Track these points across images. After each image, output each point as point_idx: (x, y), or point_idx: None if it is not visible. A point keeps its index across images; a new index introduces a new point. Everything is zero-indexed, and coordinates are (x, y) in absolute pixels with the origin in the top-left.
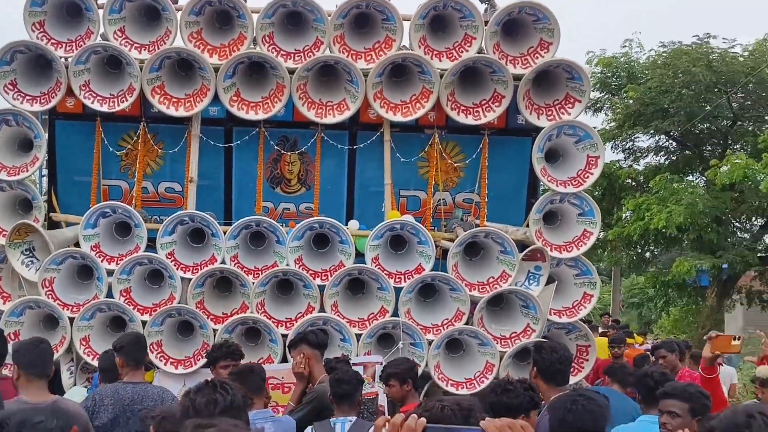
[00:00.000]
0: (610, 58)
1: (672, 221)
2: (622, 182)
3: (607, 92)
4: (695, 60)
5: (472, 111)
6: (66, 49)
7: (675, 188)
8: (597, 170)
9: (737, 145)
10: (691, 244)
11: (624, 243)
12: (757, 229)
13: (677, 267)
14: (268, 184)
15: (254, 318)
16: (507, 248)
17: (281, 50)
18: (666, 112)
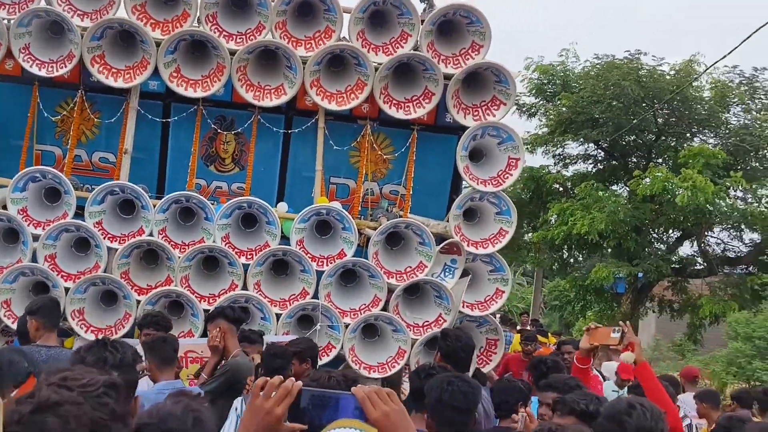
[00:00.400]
0: (547, 66)
1: (594, 227)
2: (550, 187)
3: (542, 98)
4: (625, 74)
5: (404, 106)
6: (9, 11)
7: (599, 196)
8: (516, 171)
9: (660, 159)
10: (611, 252)
11: (548, 246)
12: (673, 240)
13: (596, 272)
14: (202, 162)
15: (177, 291)
16: (425, 240)
17: (224, 31)
18: (596, 122)
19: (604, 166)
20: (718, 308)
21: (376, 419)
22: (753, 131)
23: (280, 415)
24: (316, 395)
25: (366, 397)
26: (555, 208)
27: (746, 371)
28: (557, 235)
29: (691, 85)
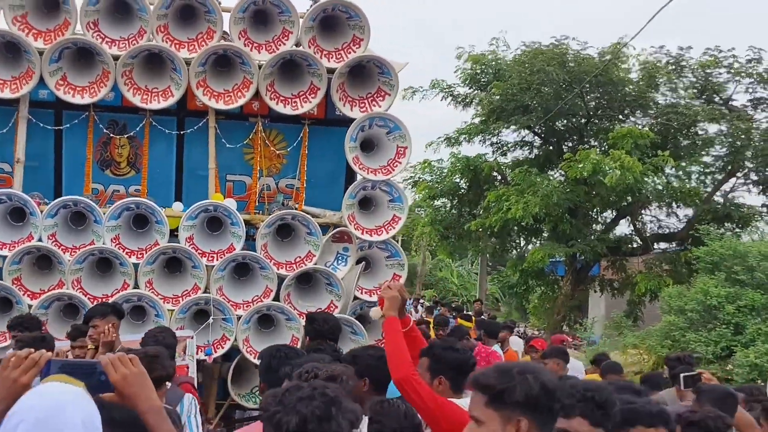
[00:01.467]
0: (478, 55)
1: (528, 212)
2: (487, 175)
3: (476, 88)
4: (549, 59)
5: (291, 101)
6: None
7: (533, 181)
8: (404, 159)
9: (594, 142)
10: (548, 235)
11: (488, 233)
12: (608, 221)
13: (532, 255)
14: (98, 167)
15: (70, 294)
16: (312, 230)
17: (106, 37)
18: (527, 109)
19: (540, 151)
20: (653, 284)
21: (115, 381)
22: (679, 109)
23: (26, 382)
24: (66, 364)
25: (109, 362)
26: (492, 195)
27: (680, 343)
28: (495, 222)
29: (617, 67)
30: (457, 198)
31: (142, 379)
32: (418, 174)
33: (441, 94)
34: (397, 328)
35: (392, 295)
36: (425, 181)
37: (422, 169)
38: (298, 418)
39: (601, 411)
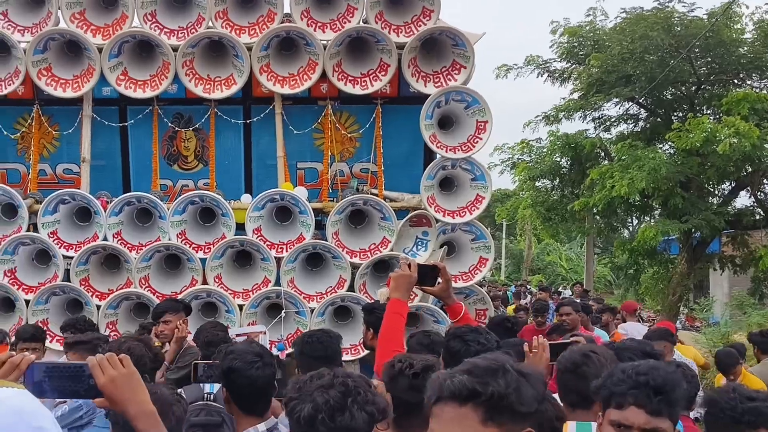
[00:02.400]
0: (575, 28)
1: (634, 187)
2: (589, 152)
3: (574, 62)
4: (652, 25)
5: (360, 81)
6: None
7: (638, 155)
8: (486, 135)
9: (708, 109)
10: (659, 211)
11: (591, 213)
12: (726, 193)
13: (642, 234)
14: (165, 162)
15: (138, 293)
16: (386, 215)
17: (164, 28)
18: (629, 79)
19: (647, 124)
20: None
21: (102, 385)
22: None
23: None
24: (51, 367)
25: (96, 364)
26: (594, 173)
27: None
28: (599, 201)
29: (729, 28)
30: (559, 178)
31: (132, 381)
32: (517, 155)
33: (537, 70)
34: (396, 310)
35: (398, 275)
36: (524, 162)
37: (521, 150)
38: (311, 406)
39: (659, 397)
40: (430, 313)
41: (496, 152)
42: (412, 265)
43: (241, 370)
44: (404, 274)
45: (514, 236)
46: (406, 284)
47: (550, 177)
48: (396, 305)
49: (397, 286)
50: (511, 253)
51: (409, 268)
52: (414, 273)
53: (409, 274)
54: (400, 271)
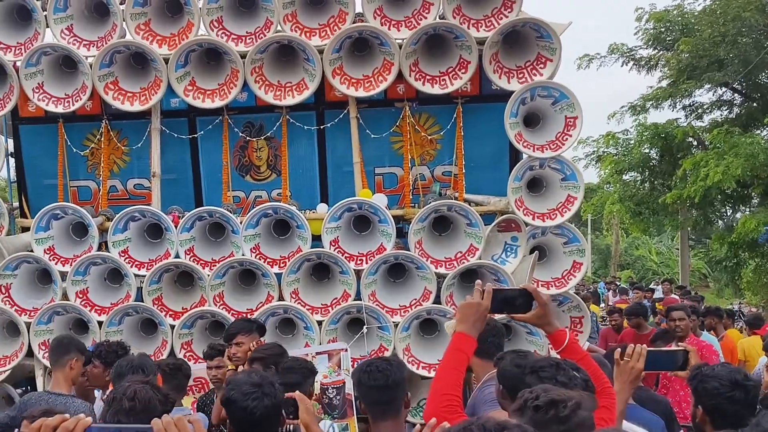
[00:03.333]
0: (662, 13)
1: (729, 175)
2: (680, 141)
3: (661, 48)
4: (745, 5)
5: (439, 80)
6: (15, 53)
7: (735, 141)
8: (576, 131)
9: None
10: (760, 200)
11: (685, 205)
12: None
13: (742, 225)
14: (237, 173)
15: (212, 311)
16: (472, 220)
17: (231, 34)
18: (722, 64)
19: (742, 110)
20: None
21: None
22: None
23: None
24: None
25: (162, 428)
26: (687, 162)
27: None
28: (694, 192)
29: None
30: (648, 170)
31: None
32: (602, 148)
33: (621, 59)
34: (458, 347)
35: (465, 304)
36: (610, 155)
37: (606, 143)
38: None
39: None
40: (523, 325)
41: (580, 146)
42: (486, 292)
43: (238, 401)
44: (472, 302)
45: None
46: (474, 314)
47: (639, 169)
48: (460, 340)
49: (463, 317)
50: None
51: (483, 295)
52: (486, 301)
53: (477, 302)
54: (470, 298)
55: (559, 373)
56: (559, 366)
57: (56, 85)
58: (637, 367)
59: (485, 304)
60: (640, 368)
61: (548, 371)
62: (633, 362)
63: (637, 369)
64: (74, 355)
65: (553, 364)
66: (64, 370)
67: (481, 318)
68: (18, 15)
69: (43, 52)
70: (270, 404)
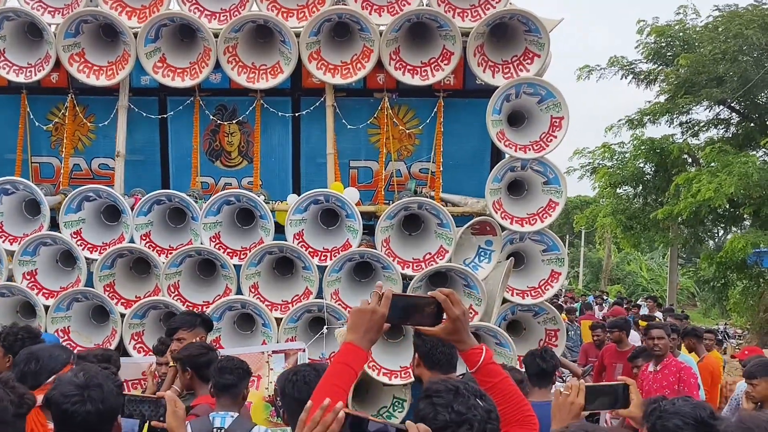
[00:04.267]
0: (663, 27)
1: (721, 193)
2: (675, 158)
3: (661, 63)
4: (748, 22)
5: (420, 71)
6: None
7: (729, 160)
8: (561, 133)
9: None
10: (751, 221)
11: (676, 222)
12: None
13: (731, 245)
14: (206, 158)
15: (166, 302)
16: (443, 221)
17: (205, 10)
18: (720, 81)
19: (739, 129)
20: None
21: None
22: None
23: None
24: None
25: None
26: (680, 178)
27: None
28: (684, 208)
29: None
30: (642, 184)
31: None
32: (598, 159)
33: (621, 72)
34: (343, 359)
35: (357, 310)
36: (605, 167)
37: (602, 155)
38: None
39: None
40: (493, 335)
41: (576, 156)
42: (384, 296)
43: (58, 403)
44: (365, 308)
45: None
46: (367, 323)
47: (633, 183)
48: (346, 352)
49: (353, 325)
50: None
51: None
52: (383, 308)
53: (372, 308)
54: (365, 303)
55: (457, 400)
56: (459, 392)
57: (19, 53)
58: (578, 403)
59: (381, 312)
60: (581, 404)
61: (444, 397)
62: (572, 397)
63: (578, 405)
64: None
65: (451, 389)
66: None
67: (374, 327)
68: None
69: (5, 16)
70: (93, 410)
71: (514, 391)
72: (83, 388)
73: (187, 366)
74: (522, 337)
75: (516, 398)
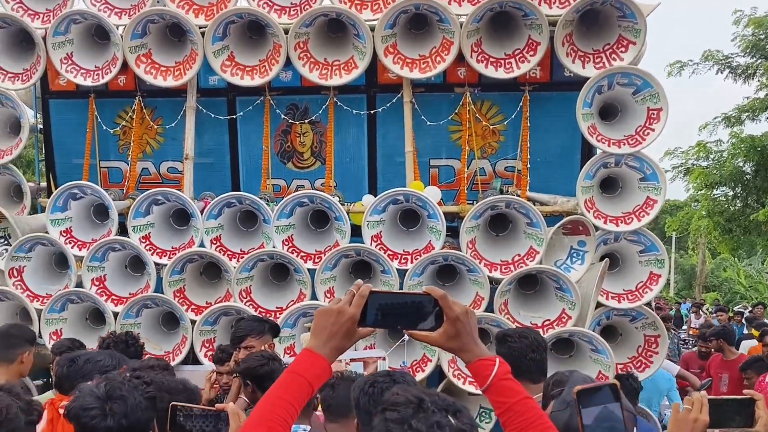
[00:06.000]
0: (762, 18)
1: None
2: None
3: (760, 56)
4: None
5: (504, 63)
6: (44, 20)
7: None
8: (659, 125)
9: None
10: None
11: None
12: None
13: None
14: (278, 159)
15: (238, 308)
16: (533, 220)
17: (275, 5)
18: None
19: None
20: None
21: None
22: None
23: None
24: None
25: None
26: None
27: None
28: None
29: None
30: (741, 185)
31: None
32: (692, 160)
33: (716, 66)
34: (296, 369)
35: (322, 311)
36: (700, 168)
37: (696, 154)
38: None
39: None
40: (588, 340)
41: (667, 157)
42: (358, 295)
43: (77, 417)
44: (330, 308)
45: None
46: (332, 325)
47: (731, 184)
48: (302, 360)
49: (316, 329)
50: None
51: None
52: (354, 308)
53: (336, 309)
54: (334, 302)
55: (417, 416)
56: (422, 405)
57: (87, 56)
58: (702, 420)
59: (350, 313)
60: (705, 421)
61: (401, 412)
62: (695, 413)
63: (702, 422)
64: (26, 347)
65: (412, 401)
66: (13, 365)
67: (340, 332)
68: None
69: (72, 19)
70: (114, 425)
71: (538, 416)
72: (104, 401)
73: (247, 379)
74: (618, 343)
75: (540, 424)
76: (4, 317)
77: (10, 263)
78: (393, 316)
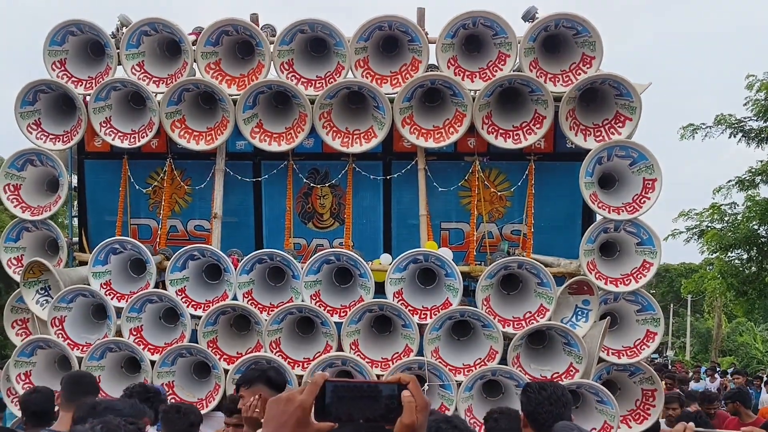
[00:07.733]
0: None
1: None
2: None
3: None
4: None
5: (512, 134)
6: (86, 87)
7: None
8: (654, 194)
9: None
10: None
11: None
12: None
13: None
14: (299, 220)
15: (268, 358)
16: (543, 280)
17: (302, 78)
18: None
19: None
20: None
21: None
22: None
23: None
24: None
25: None
26: None
27: None
28: None
29: None
30: (756, 248)
31: None
32: (706, 222)
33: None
34: None
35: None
36: (714, 230)
37: (710, 216)
38: None
39: None
40: (594, 392)
41: (681, 218)
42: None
43: None
44: (278, 397)
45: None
46: (279, 415)
47: (746, 247)
48: None
49: (266, 420)
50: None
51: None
52: (306, 396)
53: (285, 398)
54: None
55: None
56: None
57: (123, 120)
58: None
59: (299, 401)
60: None
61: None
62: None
63: None
64: (92, 397)
65: None
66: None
67: (290, 423)
68: (91, 50)
69: (113, 87)
70: None
71: None
72: None
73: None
74: (617, 396)
75: None
76: (42, 366)
77: (53, 313)
78: (350, 404)
